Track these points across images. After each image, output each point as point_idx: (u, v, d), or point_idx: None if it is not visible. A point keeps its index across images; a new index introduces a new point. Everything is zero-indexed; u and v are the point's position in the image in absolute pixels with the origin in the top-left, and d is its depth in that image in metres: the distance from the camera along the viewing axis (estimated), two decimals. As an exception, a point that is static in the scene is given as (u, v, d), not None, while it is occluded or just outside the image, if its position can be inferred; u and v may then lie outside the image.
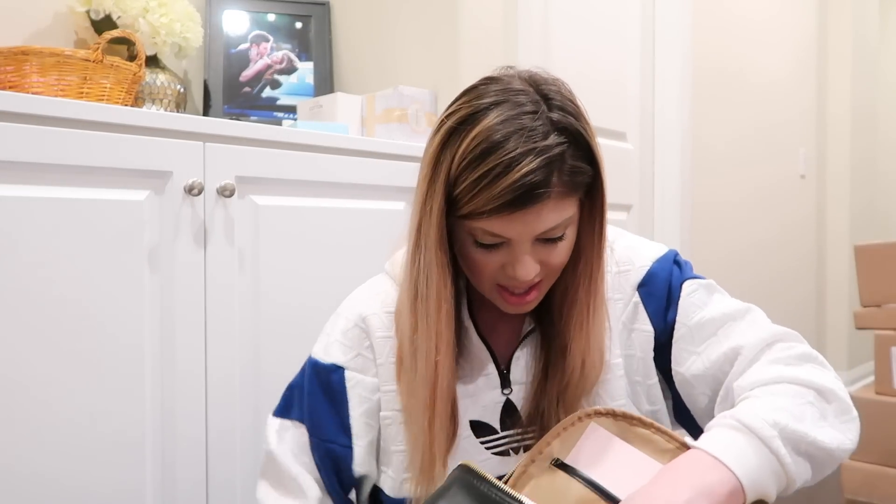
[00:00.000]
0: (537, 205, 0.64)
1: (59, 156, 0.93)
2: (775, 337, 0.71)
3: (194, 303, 1.06)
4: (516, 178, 0.62)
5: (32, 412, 0.91)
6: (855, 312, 2.00)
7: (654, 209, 2.34)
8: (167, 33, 1.39)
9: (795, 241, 3.16)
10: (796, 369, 0.67)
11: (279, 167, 1.16)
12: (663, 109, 2.32)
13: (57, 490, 0.93)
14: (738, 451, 0.59)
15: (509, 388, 0.78)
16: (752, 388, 0.67)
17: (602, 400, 0.76)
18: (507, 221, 0.65)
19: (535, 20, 1.83)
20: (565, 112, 0.67)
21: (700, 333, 0.75)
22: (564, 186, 0.66)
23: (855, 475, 1.91)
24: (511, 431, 0.77)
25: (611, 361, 0.77)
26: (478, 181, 0.63)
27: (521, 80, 0.69)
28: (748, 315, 0.75)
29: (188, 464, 1.05)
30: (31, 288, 0.91)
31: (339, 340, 0.79)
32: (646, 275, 0.78)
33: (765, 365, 0.69)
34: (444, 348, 0.70)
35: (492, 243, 0.68)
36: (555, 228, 0.67)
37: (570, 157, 0.66)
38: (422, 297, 0.70)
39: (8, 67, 1.13)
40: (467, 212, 0.65)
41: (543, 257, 0.69)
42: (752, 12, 2.80)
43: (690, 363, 0.75)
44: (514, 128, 0.63)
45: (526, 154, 0.62)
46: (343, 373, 0.78)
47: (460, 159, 0.64)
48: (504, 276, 0.70)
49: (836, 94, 3.36)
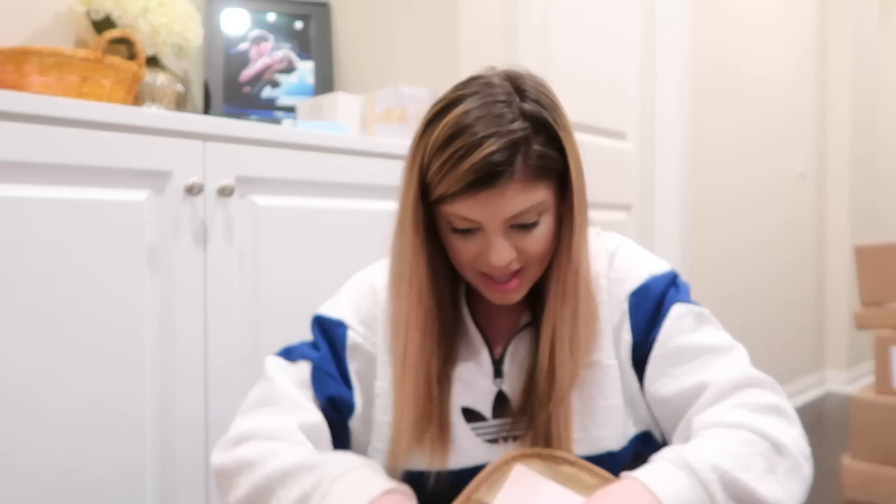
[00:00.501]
0: (500, 184, 0.66)
1: (59, 156, 0.93)
2: (749, 381, 0.72)
3: (194, 303, 1.06)
4: (479, 158, 0.65)
5: (33, 408, 0.91)
6: (855, 312, 2.00)
7: (654, 209, 2.34)
8: (167, 33, 1.39)
9: (795, 241, 3.17)
10: (758, 418, 0.68)
11: (279, 167, 1.16)
12: (663, 109, 2.32)
13: (58, 478, 0.93)
14: (674, 488, 0.60)
15: (502, 378, 0.79)
16: (710, 427, 0.67)
17: (594, 399, 0.76)
18: (473, 203, 0.67)
19: (535, 20, 1.83)
20: (538, 104, 0.69)
21: (678, 358, 0.75)
22: (530, 170, 0.67)
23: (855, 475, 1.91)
24: (502, 420, 0.78)
25: (604, 362, 0.77)
26: (444, 164, 0.66)
27: (499, 76, 0.72)
28: (730, 353, 0.75)
29: (187, 454, 1.05)
30: (31, 287, 0.91)
31: (348, 304, 0.82)
32: (639, 286, 0.78)
33: (729, 407, 0.70)
34: (415, 327, 0.73)
35: (466, 228, 0.70)
36: (525, 213, 0.69)
37: (537, 142, 0.68)
38: (396, 278, 0.75)
39: (8, 67, 1.13)
40: (438, 195, 0.68)
41: (519, 244, 0.71)
42: (752, 12, 2.80)
43: (661, 384, 0.76)
44: (481, 113, 0.67)
45: (489, 136, 0.65)
46: (346, 330, 0.80)
47: (432, 146, 0.68)
48: (483, 263, 0.72)
49: (836, 94, 3.36)
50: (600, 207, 2.10)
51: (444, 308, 0.76)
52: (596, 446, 0.75)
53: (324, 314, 0.83)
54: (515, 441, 0.77)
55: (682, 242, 2.34)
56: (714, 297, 2.60)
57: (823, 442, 2.58)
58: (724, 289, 2.67)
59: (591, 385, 0.76)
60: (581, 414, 0.76)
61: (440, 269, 0.76)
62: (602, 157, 2.09)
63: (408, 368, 0.74)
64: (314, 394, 0.78)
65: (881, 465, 1.87)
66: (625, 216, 2.20)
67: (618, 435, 0.76)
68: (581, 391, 0.76)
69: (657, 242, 2.33)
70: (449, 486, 0.76)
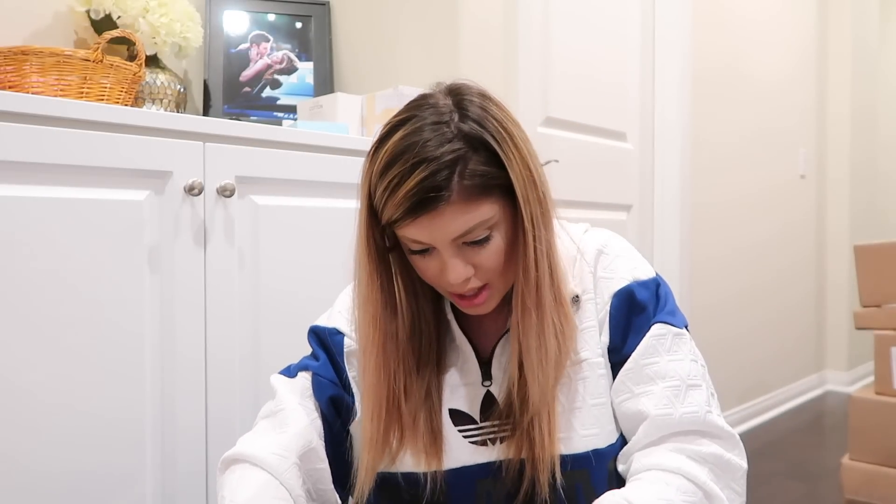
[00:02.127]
0: (436, 209, 0.67)
1: (59, 156, 0.93)
2: (699, 427, 0.73)
3: (194, 302, 1.06)
4: (411, 186, 0.67)
5: (33, 408, 0.91)
6: (855, 312, 2.00)
7: (653, 209, 2.34)
8: (167, 33, 1.39)
9: (795, 241, 3.17)
10: (698, 468, 0.70)
11: (279, 167, 1.16)
12: (663, 109, 2.32)
13: (58, 478, 0.93)
14: None
15: (490, 381, 0.80)
16: (650, 469, 0.71)
17: (582, 398, 0.77)
18: (416, 227, 0.69)
19: (535, 20, 1.83)
20: (477, 122, 0.70)
21: (647, 378, 0.76)
22: (466, 190, 0.68)
23: (855, 475, 1.91)
24: (489, 423, 0.79)
25: (592, 360, 0.78)
26: (384, 191, 0.69)
27: (444, 93, 0.74)
28: (694, 391, 0.75)
29: (187, 454, 1.05)
30: (31, 287, 0.91)
31: (343, 313, 0.85)
32: (622, 288, 0.79)
33: (671, 451, 0.72)
34: (371, 352, 0.76)
35: (420, 249, 0.72)
36: (472, 231, 0.70)
37: (475, 161, 0.69)
38: (357, 302, 0.78)
39: (8, 67, 1.13)
40: (385, 221, 0.71)
41: (473, 260, 0.72)
42: (752, 12, 2.80)
43: (624, 398, 0.77)
44: (417, 139, 0.68)
45: (422, 161, 0.67)
46: (343, 338, 0.84)
47: (375, 172, 0.70)
48: (445, 281, 0.73)
49: (836, 94, 3.36)
50: (600, 207, 2.10)
51: (419, 319, 0.78)
52: (582, 444, 0.75)
53: (319, 325, 0.86)
54: (502, 443, 0.77)
55: (681, 243, 2.34)
56: (714, 298, 2.60)
57: (823, 442, 2.58)
58: (724, 289, 2.67)
59: (579, 383, 0.77)
60: (568, 412, 0.76)
61: (417, 284, 0.78)
62: (602, 157, 2.09)
63: (368, 388, 0.77)
64: (315, 400, 0.81)
65: (881, 465, 1.87)
66: (625, 216, 2.20)
67: (604, 433, 0.76)
68: (568, 389, 0.77)
69: (657, 243, 2.33)
70: (441, 488, 0.78)
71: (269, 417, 0.80)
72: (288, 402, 0.80)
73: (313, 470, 0.78)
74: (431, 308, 0.80)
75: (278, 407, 0.80)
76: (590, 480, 0.75)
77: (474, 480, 0.78)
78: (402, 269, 0.77)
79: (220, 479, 0.75)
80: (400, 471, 0.79)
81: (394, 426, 0.77)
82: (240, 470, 0.73)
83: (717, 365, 2.54)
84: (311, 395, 0.81)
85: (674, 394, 0.74)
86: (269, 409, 0.81)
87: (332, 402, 0.81)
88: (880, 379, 1.90)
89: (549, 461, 0.73)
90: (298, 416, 0.78)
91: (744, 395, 2.77)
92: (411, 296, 0.78)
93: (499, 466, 0.77)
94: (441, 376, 0.80)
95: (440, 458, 0.77)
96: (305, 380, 0.82)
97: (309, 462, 0.77)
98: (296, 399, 0.80)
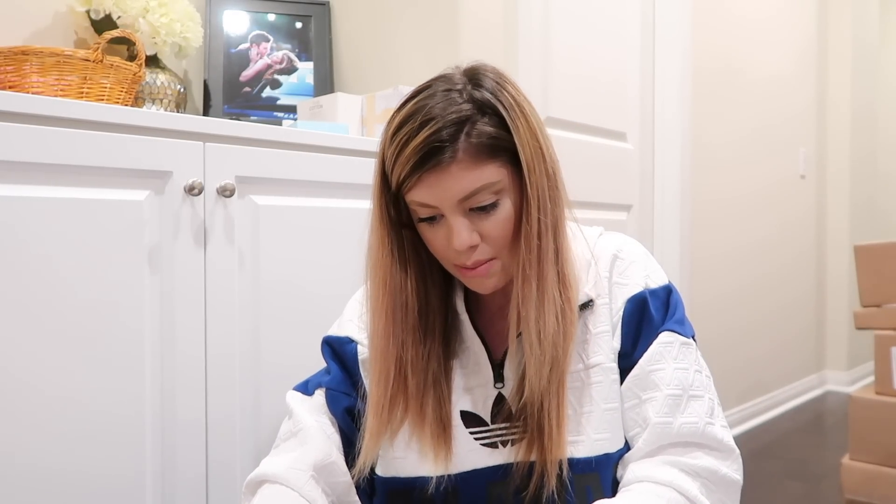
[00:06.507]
0: (443, 163, 0.68)
1: (59, 156, 0.93)
2: (697, 439, 0.73)
3: (194, 302, 1.06)
4: (421, 139, 0.67)
5: (33, 407, 0.91)
6: (855, 312, 2.00)
7: (654, 209, 2.34)
8: (167, 33, 1.39)
9: (795, 240, 3.17)
10: (690, 482, 0.70)
11: (279, 167, 1.16)
12: (663, 109, 2.32)
13: (57, 477, 0.93)
14: None
15: (502, 382, 0.79)
16: (643, 480, 0.71)
17: (594, 402, 0.76)
18: (424, 186, 0.69)
19: (535, 20, 1.83)
20: (490, 91, 0.71)
21: (652, 385, 0.76)
22: (474, 148, 0.68)
23: (855, 475, 1.91)
24: (501, 425, 0.78)
25: (605, 364, 0.77)
26: (394, 150, 0.69)
27: (459, 70, 0.74)
28: (698, 402, 0.75)
29: (187, 453, 1.05)
30: (31, 287, 0.91)
31: (353, 321, 0.85)
32: (636, 295, 0.78)
33: (665, 464, 0.72)
34: (380, 313, 0.75)
35: (428, 216, 0.72)
36: (478, 194, 0.69)
37: (483, 122, 0.69)
38: (366, 268, 0.77)
39: (8, 67, 1.13)
40: (395, 185, 0.71)
41: (481, 228, 0.71)
42: (752, 12, 2.80)
43: (632, 404, 0.77)
44: (426, 103, 0.69)
45: (430, 119, 0.68)
46: (356, 346, 0.84)
47: (388, 140, 0.71)
48: (452, 252, 0.72)
49: (836, 93, 3.36)
50: (600, 207, 2.10)
51: (426, 302, 0.78)
52: (593, 448, 0.75)
53: (331, 335, 0.87)
54: (513, 446, 0.77)
55: (681, 242, 2.34)
56: (714, 298, 2.60)
57: (823, 442, 2.58)
58: (724, 289, 2.67)
59: (592, 387, 0.76)
60: (579, 415, 0.76)
61: (426, 268, 0.77)
62: (602, 157, 2.09)
63: (375, 351, 0.76)
64: (330, 415, 0.82)
65: (881, 465, 1.87)
66: (625, 216, 2.20)
67: (615, 437, 0.76)
68: (581, 393, 0.76)
69: (657, 242, 2.33)
70: (450, 491, 0.77)
71: (288, 439, 0.81)
72: (305, 420, 0.81)
73: (336, 483, 0.78)
74: (439, 294, 0.79)
75: (297, 427, 0.81)
76: (600, 484, 0.75)
77: (485, 483, 0.77)
78: (412, 251, 0.77)
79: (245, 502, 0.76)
80: (409, 475, 0.79)
81: (400, 396, 0.76)
82: (263, 491, 0.74)
83: (717, 365, 2.54)
84: (326, 410, 0.82)
85: (675, 402, 0.74)
86: (287, 429, 0.82)
87: (347, 413, 0.82)
88: (880, 379, 1.90)
89: (559, 464, 0.72)
90: (315, 433, 0.79)
91: (743, 395, 2.77)
92: (420, 281, 0.77)
93: (509, 469, 0.76)
94: (449, 371, 0.79)
95: (448, 456, 0.77)
96: (321, 397, 0.83)
97: (330, 475, 0.78)
98: (312, 417, 0.81)
